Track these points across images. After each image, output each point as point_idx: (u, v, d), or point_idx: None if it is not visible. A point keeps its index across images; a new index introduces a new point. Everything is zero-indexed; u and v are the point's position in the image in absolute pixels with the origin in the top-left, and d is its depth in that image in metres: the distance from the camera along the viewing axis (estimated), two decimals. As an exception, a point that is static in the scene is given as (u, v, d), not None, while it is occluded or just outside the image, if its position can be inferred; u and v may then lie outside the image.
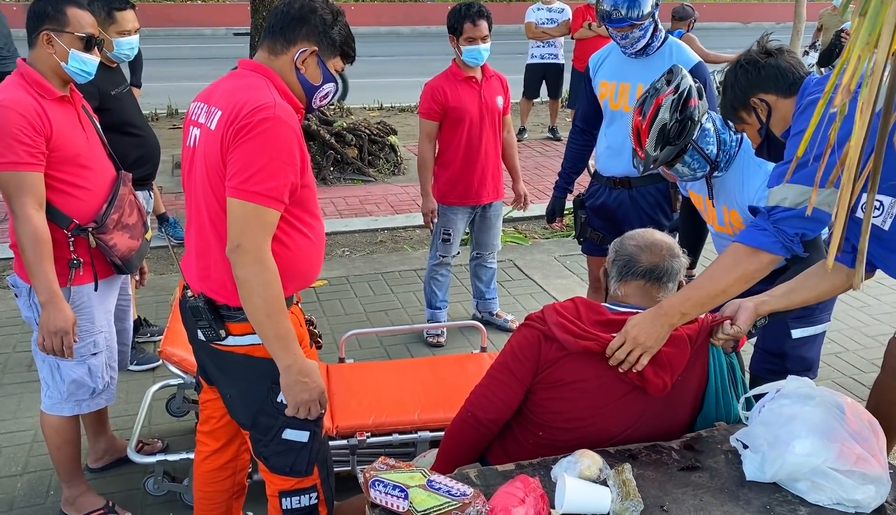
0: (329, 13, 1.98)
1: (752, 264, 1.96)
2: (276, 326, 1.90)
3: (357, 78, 12.61)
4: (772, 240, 1.95)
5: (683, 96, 2.45)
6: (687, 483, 1.78)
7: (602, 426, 1.92)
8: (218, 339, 2.01)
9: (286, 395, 1.99)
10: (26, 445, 3.27)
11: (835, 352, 4.16)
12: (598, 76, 3.49)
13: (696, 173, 2.59)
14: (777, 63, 2.16)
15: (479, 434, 1.97)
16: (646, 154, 2.53)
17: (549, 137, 9.11)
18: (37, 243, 2.35)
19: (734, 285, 1.96)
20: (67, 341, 2.43)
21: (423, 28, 20.89)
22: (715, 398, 1.99)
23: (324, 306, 4.70)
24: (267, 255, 1.87)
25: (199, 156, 1.96)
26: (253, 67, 1.99)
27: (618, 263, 2.01)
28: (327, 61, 2.01)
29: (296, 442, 2.09)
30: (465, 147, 3.98)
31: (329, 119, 7.88)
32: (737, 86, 2.20)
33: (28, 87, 2.42)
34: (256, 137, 1.82)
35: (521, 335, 1.97)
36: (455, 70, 3.95)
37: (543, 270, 5.30)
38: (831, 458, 1.68)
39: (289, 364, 1.94)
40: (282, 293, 1.90)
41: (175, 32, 17.95)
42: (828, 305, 2.61)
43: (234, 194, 1.84)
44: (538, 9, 8.56)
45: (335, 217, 6.26)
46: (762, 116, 2.18)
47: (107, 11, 3.36)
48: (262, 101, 1.85)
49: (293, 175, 1.89)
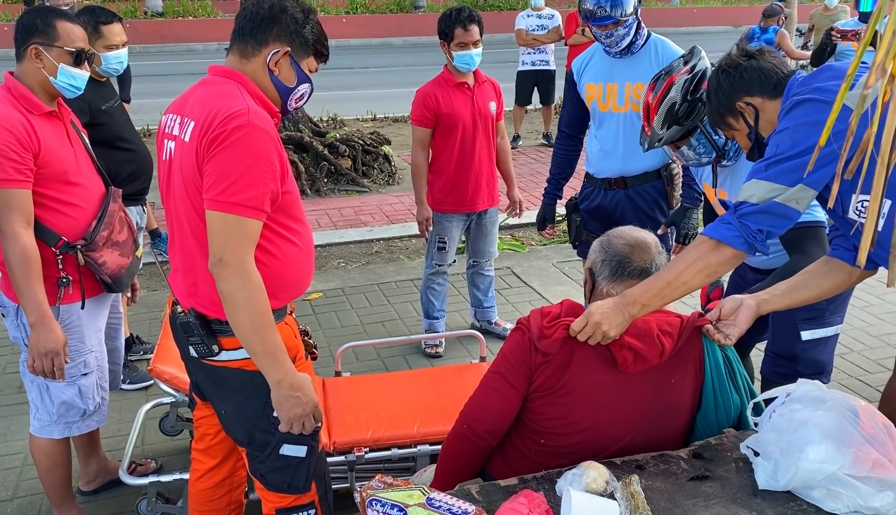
0: (300, 12, 1.93)
1: (715, 258, 1.94)
2: (264, 340, 1.84)
3: (350, 89, 12.61)
4: (735, 234, 1.93)
5: (697, 78, 2.42)
6: (697, 493, 1.72)
7: (602, 428, 1.88)
8: (211, 354, 1.95)
9: (278, 410, 1.93)
10: (16, 469, 3.20)
11: (840, 353, 4.08)
12: (584, 79, 3.46)
13: (701, 158, 2.55)
14: (759, 64, 2.12)
15: (477, 447, 1.92)
16: (652, 131, 2.51)
17: (544, 144, 9.07)
18: (25, 262, 2.29)
19: (695, 277, 1.94)
20: (59, 362, 2.37)
21: (414, 39, 20.90)
22: (713, 393, 1.94)
23: (319, 318, 4.63)
24: (250, 267, 1.81)
25: (176, 169, 1.90)
26: (224, 72, 1.92)
27: (610, 263, 1.98)
28: (301, 61, 1.95)
29: (293, 458, 2.03)
30: (458, 154, 3.93)
31: (322, 130, 7.85)
32: (720, 91, 2.16)
33: (15, 102, 2.36)
34: (232, 146, 1.76)
35: (512, 341, 1.94)
36: (447, 76, 3.91)
37: (542, 277, 5.25)
38: (847, 464, 1.61)
39: (279, 379, 1.88)
40: (268, 306, 1.84)
41: (167, 49, 17.92)
42: (839, 307, 2.55)
43: (213, 207, 1.78)
44: (528, 15, 8.54)
45: (330, 228, 6.20)
46: (750, 120, 2.14)
47: (93, 26, 3.31)
48: (235, 108, 1.79)
49: (273, 182, 1.83)
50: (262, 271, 1.85)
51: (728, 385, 1.97)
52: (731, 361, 2.00)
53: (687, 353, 1.92)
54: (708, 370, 1.94)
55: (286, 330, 2.03)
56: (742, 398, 1.99)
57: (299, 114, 7.64)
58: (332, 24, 21.13)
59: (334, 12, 22.23)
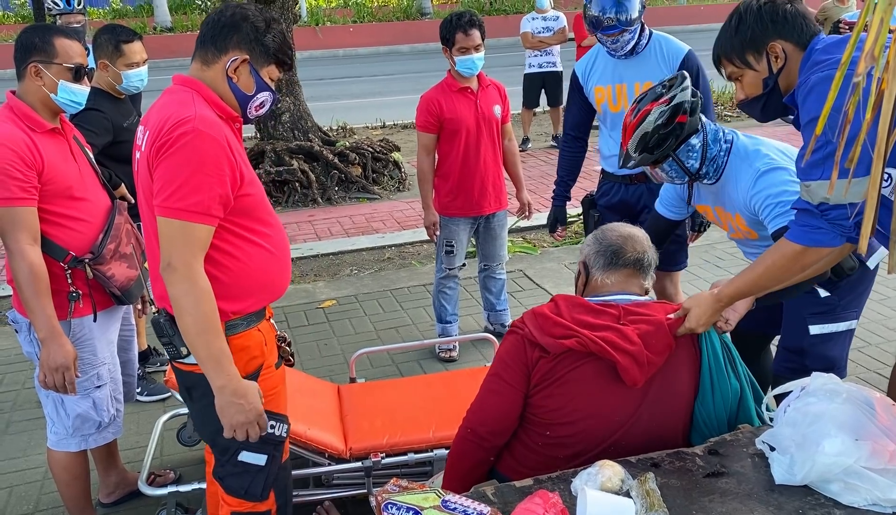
0: (262, 20, 1.94)
1: (810, 258, 1.89)
2: (208, 345, 1.85)
3: (359, 98, 12.65)
4: (832, 236, 1.83)
5: (671, 111, 2.42)
6: (713, 489, 1.71)
7: (605, 414, 1.89)
8: (179, 357, 1.98)
9: (221, 416, 1.93)
10: (37, 483, 3.22)
11: (857, 347, 4.05)
12: (591, 82, 3.49)
13: (674, 181, 2.58)
14: (803, 11, 1.99)
15: (481, 449, 1.95)
16: (626, 151, 2.53)
17: (553, 146, 9.05)
18: (33, 279, 2.31)
19: (793, 278, 1.96)
20: (69, 376, 2.39)
21: (421, 46, 20.95)
22: (709, 376, 1.96)
23: (333, 325, 4.64)
24: (197, 272, 1.83)
25: (140, 179, 1.94)
26: (182, 81, 1.95)
27: (605, 253, 2.07)
28: (260, 70, 1.96)
29: (252, 465, 2.05)
30: (462, 158, 3.95)
31: (332, 139, 7.88)
32: (756, 27, 1.98)
33: (18, 120, 2.38)
34: (177, 153, 1.79)
35: (507, 343, 1.98)
36: (450, 81, 3.92)
37: (554, 278, 5.23)
38: (864, 456, 1.60)
39: (222, 385, 1.88)
40: (215, 311, 1.85)
41: (176, 63, 18.03)
42: (852, 302, 2.48)
43: (160, 213, 1.82)
44: (533, 18, 8.54)
45: (342, 236, 6.22)
46: (774, 65, 2.00)
47: (114, 45, 3.34)
48: (182, 115, 1.81)
49: (219, 186, 1.83)
50: (225, 274, 1.88)
51: (726, 370, 1.98)
52: (729, 347, 2.04)
53: (684, 336, 1.97)
54: (705, 354, 1.97)
55: (256, 337, 2.03)
56: (743, 385, 2.00)
57: (308, 124, 7.68)
58: (340, 33, 21.28)
59: (342, 22, 22.35)
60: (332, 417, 3.02)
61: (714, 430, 1.96)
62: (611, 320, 1.94)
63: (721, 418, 1.97)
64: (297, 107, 7.60)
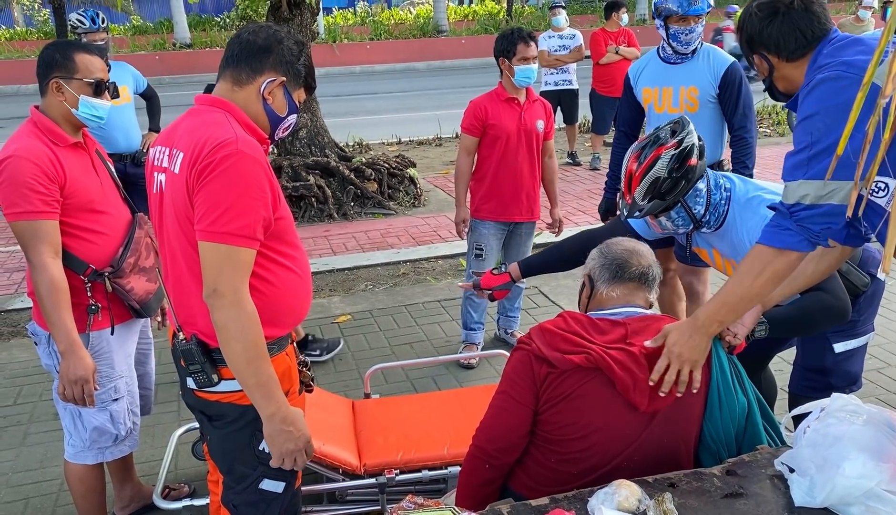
0: (294, 44, 1.94)
1: (782, 264, 1.88)
2: (257, 372, 1.80)
3: (375, 114, 12.73)
4: (798, 239, 1.84)
5: (684, 154, 2.35)
6: (732, 511, 1.69)
7: (617, 429, 1.88)
8: (210, 384, 1.93)
9: (270, 445, 1.89)
10: (53, 494, 3.24)
11: (877, 368, 4.02)
12: (641, 83, 3.85)
13: (678, 229, 2.50)
14: (781, 26, 1.96)
15: (491, 468, 1.94)
16: (633, 201, 2.42)
17: (569, 163, 9.06)
18: (54, 292, 2.33)
19: (766, 286, 1.91)
20: (88, 389, 2.40)
21: (437, 63, 21.08)
22: (717, 392, 1.95)
23: (348, 341, 4.65)
24: (245, 298, 1.78)
25: (168, 202, 1.88)
26: (210, 101, 1.91)
27: (609, 267, 2.08)
28: (293, 92, 1.97)
29: (270, 493, 2.01)
30: (497, 163, 4.11)
31: (348, 155, 7.92)
32: (742, 38, 2.06)
33: (41, 135, 2.42)
34: (221, 175, 1.75)
35: (514, 360, 1.98)
36: (500, 91, 4.11)
37: (569, 296, 5.22)
38: (885, 479, 1.58)
39: (272, 413, 1.84)
40: (262, 337, 1.81)
41: (195, 79, 18.23)
42: (869, 316, 2.52)
43: (205, 237, 1.76)
44: (549, 36, 8.57)
45: (357, 251, 6.24)
46: (761, 72, 2.07)
47: None
48: (223, 137, 1.77)
49: (264, 209, 1.81)
50: (260, 300, 1.84)
51: (734, 386, 1.97)
52: (735, 363, 2.04)
53: None
54: (714, 369, 1.96)
55: (286, 362, 2.00)
56: (750, 401, 1.99)
57: (325, 140, 7.73)
58: (356, 51, 21.46)
59: (359, 39, 22.54)
60: (347, 432, 3.02)
61: (722, 446, 1.95)
62: (619, 337, 1.93)
63: (729, 434, 1.96)
64: (314, 123, 7.66)
